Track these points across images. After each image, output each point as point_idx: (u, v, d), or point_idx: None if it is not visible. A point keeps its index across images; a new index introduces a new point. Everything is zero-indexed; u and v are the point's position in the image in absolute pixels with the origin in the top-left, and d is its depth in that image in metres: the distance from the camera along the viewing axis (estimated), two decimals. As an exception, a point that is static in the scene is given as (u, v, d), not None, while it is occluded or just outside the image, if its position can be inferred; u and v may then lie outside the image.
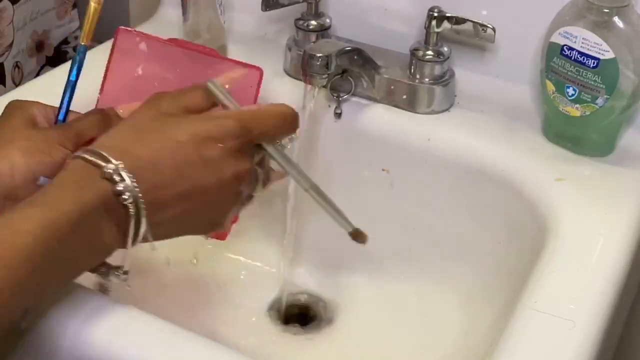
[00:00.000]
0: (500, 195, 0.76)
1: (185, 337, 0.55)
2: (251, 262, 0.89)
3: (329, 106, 0.83)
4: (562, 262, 0.63)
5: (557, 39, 0.73)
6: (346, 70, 0.81)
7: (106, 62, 0.72)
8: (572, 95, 0.74)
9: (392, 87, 0.82)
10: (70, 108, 0.65)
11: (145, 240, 0.53)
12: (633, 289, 0.77)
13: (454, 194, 0.79)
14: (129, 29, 0.73)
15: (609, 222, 0.68)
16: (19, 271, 0.47)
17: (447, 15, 0.78)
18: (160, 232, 0.54)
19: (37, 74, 1.12)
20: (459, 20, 0.78)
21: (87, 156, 0.52)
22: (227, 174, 0.54)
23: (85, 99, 0.69)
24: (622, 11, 0.70)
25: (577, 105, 0.74)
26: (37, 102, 0.66)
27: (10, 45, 1.03)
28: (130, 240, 0.52)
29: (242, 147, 0.55)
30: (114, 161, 0.51)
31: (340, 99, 0.82)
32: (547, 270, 0.63)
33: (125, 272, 0.54)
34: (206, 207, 0.55)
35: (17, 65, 1.06)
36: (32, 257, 0.48)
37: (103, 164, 0.51)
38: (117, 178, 0.51)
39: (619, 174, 0.74)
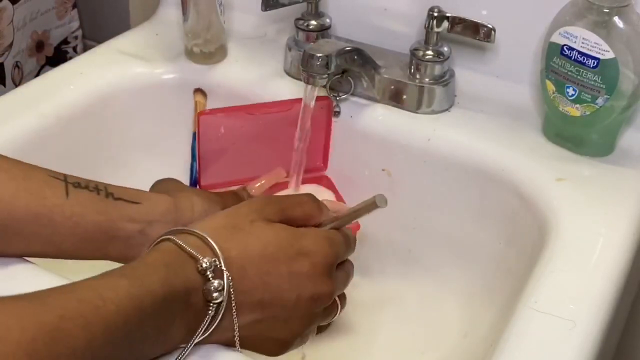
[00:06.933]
0: (501, 195, 0.75)
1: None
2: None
3: (329, 106, 0.83)
4: (562, 262, 0.63)
5: (557, 39, 0.73)
6: (346, 70, 0.81)
7: (196, 148, 0.77)
8: (572, 95, 0.74)
9: (392, 87, 0.82)
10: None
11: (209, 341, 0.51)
12: (633, 288, 0.77)
13: (454, 194, 0.79)
14: (208, 112, 0.77)
15: (609, 222, 0.68)
16: (95, 338, 0.43)
17: (447, 15, 0.78)
18: (226, 337, 0.51)
19: (37, 74, 1.12)
20: (459, 20, 0.78)
21: (180, 242, 0.50)
22: (307, 294, 0.53)
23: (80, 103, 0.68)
24: (622, 11, 0.70)
25: (577, 105, 0.74)
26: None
27: (10, 45, 1.03)
28: (197, 336, 0.49)
29: (327, 269, 0.54)
30: (207, 259, 0.49)
31: (339, 98, 0.82)
32: (547, 270, 0.63)
33: None
34: (278, 323, 0.53)
35: (17, 65, 1.06)
36: (110, 328, 0.44)
37: (199, 256, 0.49)
38: (210, 275, 0.49)
39: (619, 174, 0.74)
